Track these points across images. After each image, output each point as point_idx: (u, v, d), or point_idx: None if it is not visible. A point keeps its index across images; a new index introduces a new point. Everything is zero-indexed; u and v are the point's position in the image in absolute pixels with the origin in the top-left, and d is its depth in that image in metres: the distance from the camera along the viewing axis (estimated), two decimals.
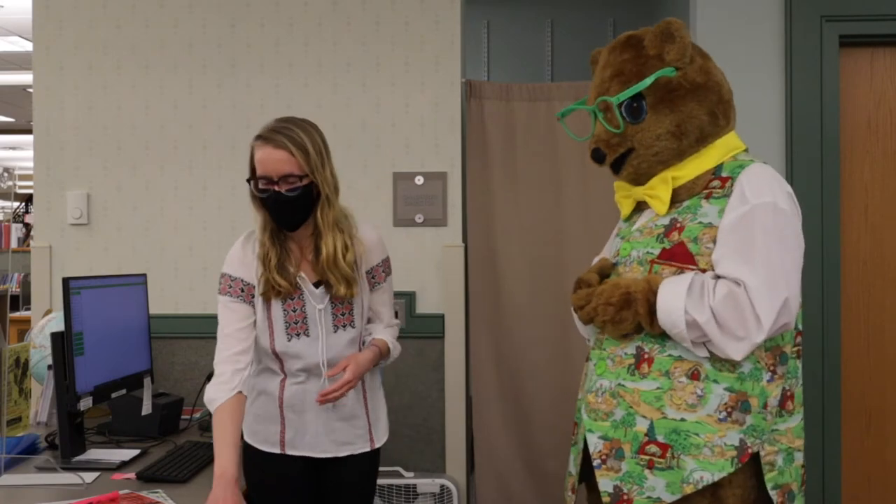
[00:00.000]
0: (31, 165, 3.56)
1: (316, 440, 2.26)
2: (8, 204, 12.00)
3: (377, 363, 2.33)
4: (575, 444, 2.14)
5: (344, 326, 2.27)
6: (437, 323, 3.23)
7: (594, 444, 1.98)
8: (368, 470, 2.37)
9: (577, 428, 2.14)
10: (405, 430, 3.24)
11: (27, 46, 6.74)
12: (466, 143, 3.33)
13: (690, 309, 1.85)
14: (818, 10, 3.12)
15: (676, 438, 1.89)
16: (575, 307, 2.05)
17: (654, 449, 1.90)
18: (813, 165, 3.13)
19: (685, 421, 1.89)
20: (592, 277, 2.07)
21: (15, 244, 9.65)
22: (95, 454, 2.53)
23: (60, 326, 2.57)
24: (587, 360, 2.14)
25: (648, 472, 1.90)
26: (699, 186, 1.98)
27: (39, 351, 2.84)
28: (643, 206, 2.08)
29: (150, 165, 3.28)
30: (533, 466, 3.35)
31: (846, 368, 3.19)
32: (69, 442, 2.47)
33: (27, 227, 9.95)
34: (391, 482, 3.18)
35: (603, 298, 1.95)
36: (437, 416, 3.24)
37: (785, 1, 3.14)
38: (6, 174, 11.48)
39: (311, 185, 2.18)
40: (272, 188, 2.16)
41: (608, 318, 1.95)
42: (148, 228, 3.28)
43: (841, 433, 3.16)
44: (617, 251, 2.10)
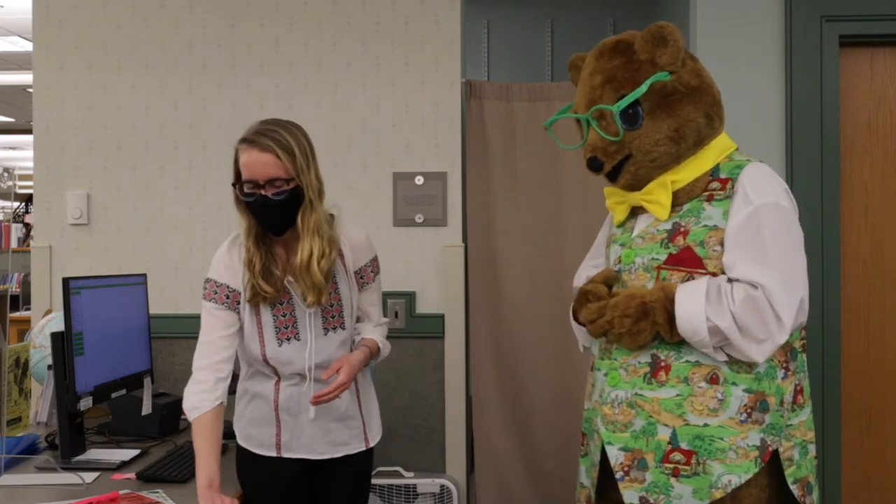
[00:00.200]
0: (31, 165, 3.55)
1: (312, 442, 2.25)
2: (8, 204, 11.99)
3: (368, 363, 2.32)
4: (585, 455, 2.11)
5: (334, 329, 2.25)
6: (437, 323, 3.23)
7: (615, 456, 1.95)
8: (364, 469, 2.36)
9: (585, 439, 2.12)
10: (405, 430, 3.24)
11: (27, 46, 6.74)
12: (466, 143, 3.33)
13: (711, 315, 1.85)
14: (818, 10, 3.12)
15: (701, 444, 1.88)
16: (585, 321, 2.01)
17: (678, 457, 1.89)
18: (813, 165, 3.13)
19: (708, 426, 1.88)
20: (601, 289, 2.02)
21: (15, 244, 9.64)
22: (95, 454, 2.53)
23: (60, 326, 2.57)
24: (591, 369, 2.11)
25: (674, 480, 1.89)
26: (698, 189, 1.97)
27: (39, 351, 2.84)
28: (637, 211, 2.06)
29: (150, 165, 3.28)
30: (533, 466, 3.35)
31: (846, 368, 3.19)
32: (69, 442, 2.47)
33: (27, 227, 9.94)
34: (391, 482, 3.18)
35: (619, 311, 1.92)
36: (437, 416, 3.24)
37: (785, 1, 3.13)
38: (6, 174, 11.48)
39: (297, 188, 2.13)
40: (258, 192, 2.11)
41: (625, 329, 1.92)
42: (148, 228, 3.28)
43: (841, 433, 3.16)
44: (618, 258, 2.06)
